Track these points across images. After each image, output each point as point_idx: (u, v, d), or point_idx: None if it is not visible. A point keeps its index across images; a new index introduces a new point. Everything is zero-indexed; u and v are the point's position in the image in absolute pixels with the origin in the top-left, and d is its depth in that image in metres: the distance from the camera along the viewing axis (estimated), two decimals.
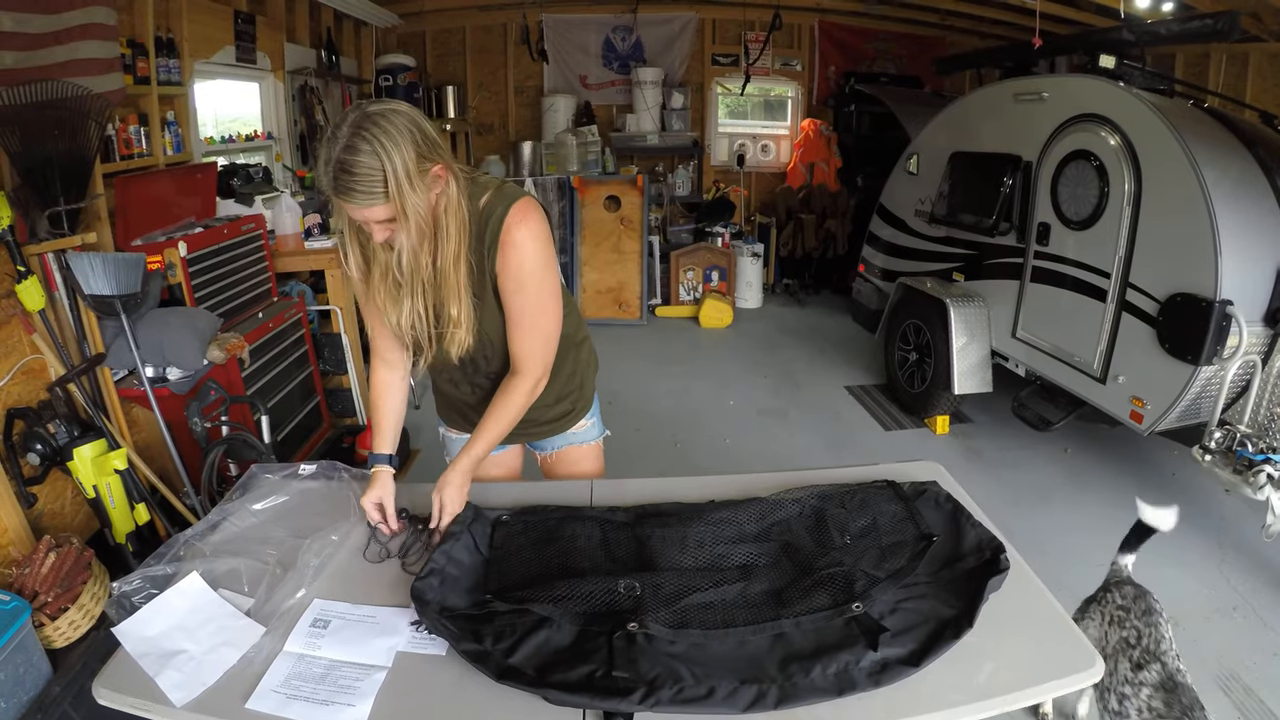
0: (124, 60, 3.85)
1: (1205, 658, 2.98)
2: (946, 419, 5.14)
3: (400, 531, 1.97)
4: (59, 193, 2.96)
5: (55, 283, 3.04)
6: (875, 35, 9.28)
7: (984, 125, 5.02)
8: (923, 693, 1.41)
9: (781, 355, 6.57)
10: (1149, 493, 4.07)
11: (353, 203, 1.69)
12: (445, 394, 2.32)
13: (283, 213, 4.89)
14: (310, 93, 6.62)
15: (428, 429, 5.32)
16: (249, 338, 3.73)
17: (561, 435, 2.40)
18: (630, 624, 1.53)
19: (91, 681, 1.54)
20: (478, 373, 2.16)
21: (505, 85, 9.32)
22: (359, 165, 1.65)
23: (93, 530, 3.11)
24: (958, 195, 5.14)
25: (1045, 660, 1.49)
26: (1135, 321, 3.81)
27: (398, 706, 1.45)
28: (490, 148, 9.33)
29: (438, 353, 2.02)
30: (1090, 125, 4.05)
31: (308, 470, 2.18)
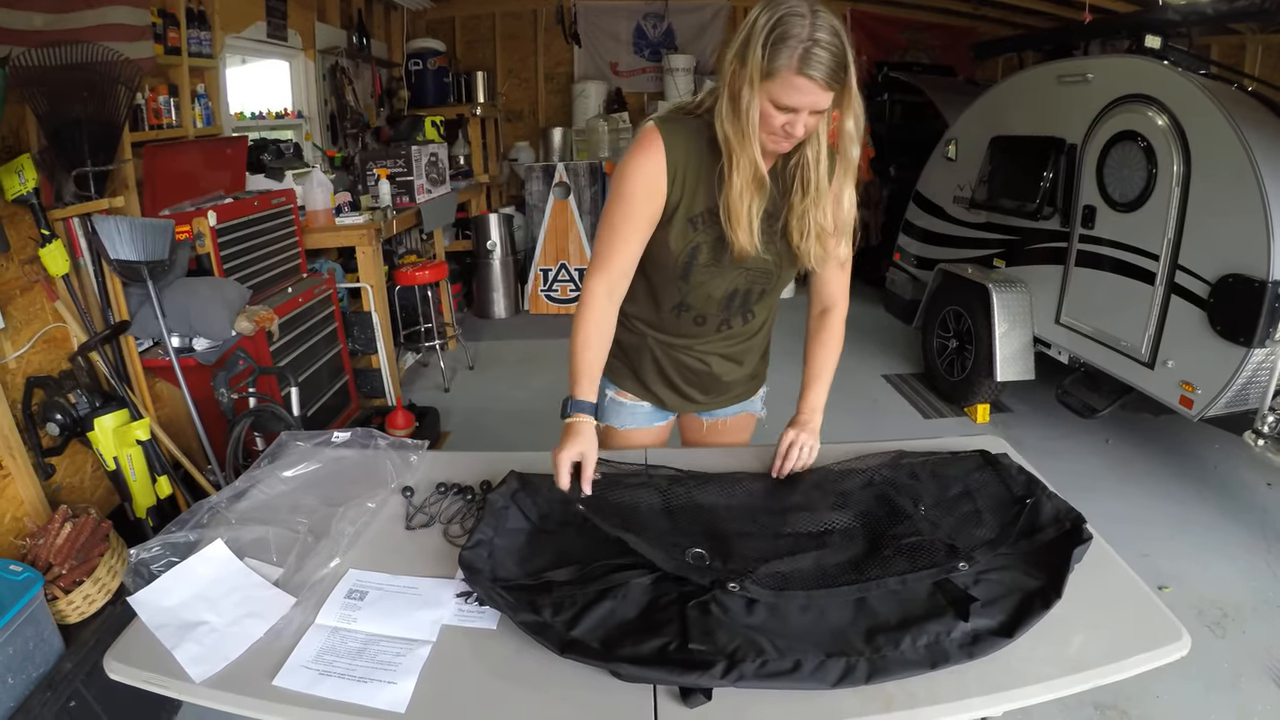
0: (154, 29, 3.77)
1: (1254, 650, 2.91)
2: (987, 408, 5.02)
3: None
4: (86, 155, 2.88)
5: (80, 248, 2.95)
6: (907, 25, 9.17)
7: (1026, 109, 4.88)
8: (1014, 665, 1.33)
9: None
10: (1190, 485, 4.06)
11: (823, 80, 1.60)
12: (665, 357, 2.18)
13: (314, 188, 4.85)
14: (341, 73, 6.54)
15: (457, 412, 5.30)
16: (278, 311, 3.65)
17: (739, 403, 2.36)
18: (707, 594, 1.43)
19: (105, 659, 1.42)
20: (739, 311, 2.09)
21: (535, 72, 9.25)
22: (832, 46, 1.59)
23: (112, 505, 3.02)
24: (999, 180, 5.01)
25: (1132, 634, 1.40)
26: (1185, 304, 3.69)
27: (444, 684, 1.32)
28: (519, 134, 9.26)
29: (708, 282, 1.97)
30: (1137, 106, 3.92)
31: (341, 438, 2.06)
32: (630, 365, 2.22)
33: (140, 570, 1.59)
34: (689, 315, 2.06)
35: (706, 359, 2.15)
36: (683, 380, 2.20)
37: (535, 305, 7.88)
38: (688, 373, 2.18)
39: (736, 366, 2.21)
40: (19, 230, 2.73)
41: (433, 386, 5.90)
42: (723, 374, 2.19)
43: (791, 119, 1.66)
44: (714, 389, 2.23)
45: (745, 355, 2.22)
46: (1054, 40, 5.51)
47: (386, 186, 5.47)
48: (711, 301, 2.02)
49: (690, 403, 2.26)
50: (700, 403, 2.26)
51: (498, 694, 1.30)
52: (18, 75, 2.59)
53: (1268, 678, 2.77)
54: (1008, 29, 8.47)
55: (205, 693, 1.32)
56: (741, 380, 2.27)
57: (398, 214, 5.46)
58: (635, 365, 2.21)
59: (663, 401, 2.24)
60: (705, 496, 1.81)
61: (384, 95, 7.61)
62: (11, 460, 2.60)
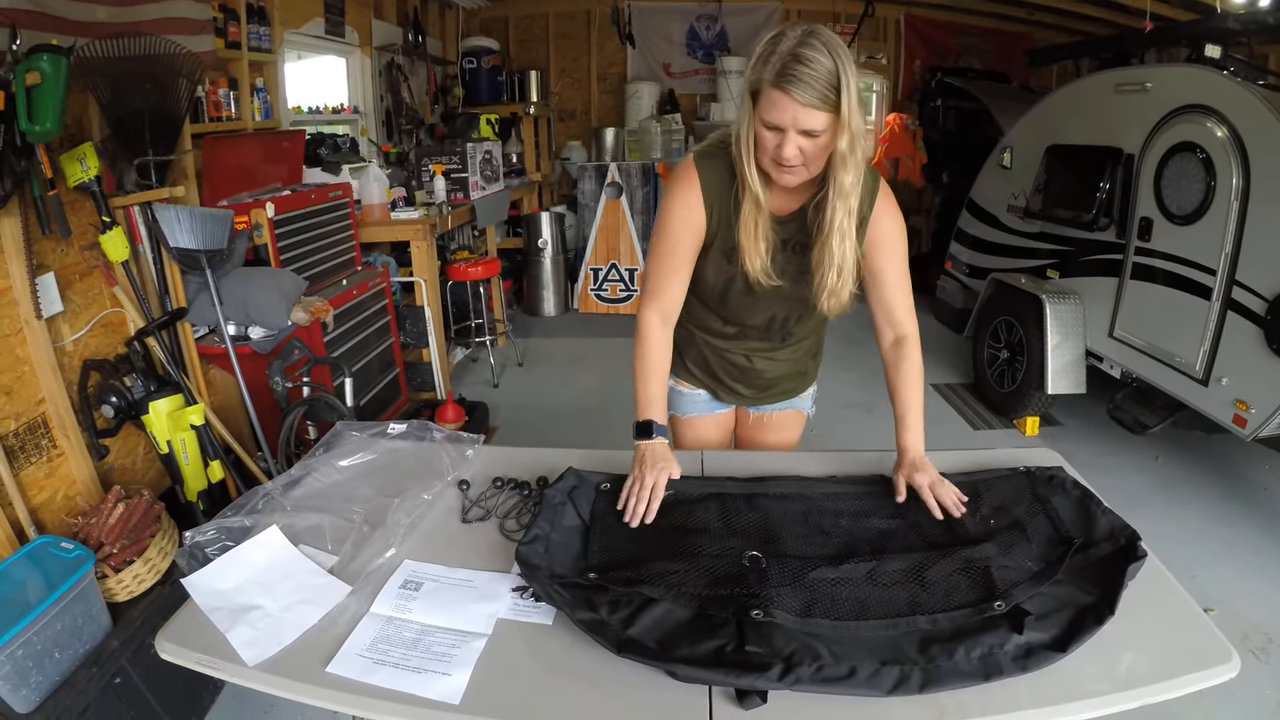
0: (215, 24, 3.82)
1: None
2: (1036, 420, 4.96)
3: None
4: (148, 145, 2.92)
5: (140, 236, 2.99)
6: (961, 30, 9.08)
7: (1083, 117, 4.80)
8: (1066, 680, 1.32)
9: (864, 350, 6.24)
10: (1240, 506, 3.98)
11: (800, 95, 1.60)
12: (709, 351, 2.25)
13: (370, 183, 4.89)
14: (396, 70, 6.58)
15: (506, 408, 5.33)
16: (332, 303, 3.68)
17: (787, 399, 2.39)
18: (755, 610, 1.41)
19: (152, 638, 1.44)
20: (778, 334, 2.16)
21: (588, 72, 9.27)
22: (815, 61, 1.59)
23: (163, 488, 3.06)
24: (1054, 189, 4.93)
25: (1182, 653, 1.39)
26: (1241, 321, 3.60)
27: (499, 677, 1.32)
28: (572, 134, 9.30)
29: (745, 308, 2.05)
30: (1196, 117, 3.84)
31: (397, 429, 2.08)
32: (683, 356, 2.27)
33: (194, 553, 1.60)
34: (731, 329, 2.15)
35: (751, 357, 2.21)
36: (726, 375, 2.26)
37: (585, 304, 7.89)
38: (731, 368, 2.24)
39: (780, 365, 2.26)
40: (80, 217, 2.77)
41: (481, 382, 5.93)
42: (765, 370, 2.24)
43: (780, 140, 1.67)
44: (757, 383, 2.27)
45: (790, 358, 2.26)
46: (1112, 48, 5.40)
47: (441, 182, 5.51)
48: (750, 324, 2.11)
49: (737, 395, 2.30)
50: (746, 396, 2.31)
51: (553, 689, 1.30)
52: (82, 66, 2.62)
53: None
54: (1063, 35, 8.37)
55: (258, 676, 1.33)
56: (787, 377, 2.30)
57: (452, 210, 5.50)
58: (685, 354, 2.27)
59: (714, 391, 2.30)
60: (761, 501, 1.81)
61: (438, 93, 7.65)
62: (66, 440, 2.64)
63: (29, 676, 2.04)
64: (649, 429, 1.88)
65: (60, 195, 2.59)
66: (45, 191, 2.52)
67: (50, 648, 2.09)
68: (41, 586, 2.14)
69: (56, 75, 2.34)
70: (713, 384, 2.30)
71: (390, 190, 5.14)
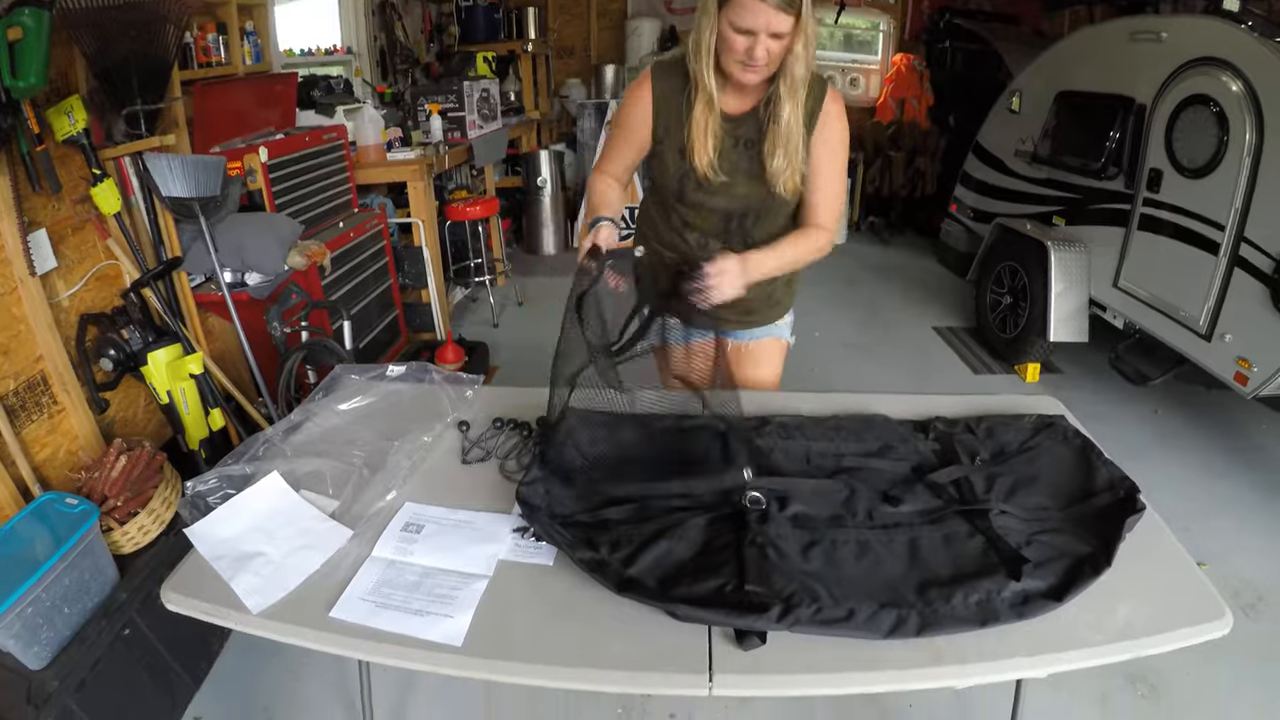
0: None
1: None
2: (1037, 367, 5.00)
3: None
4: (136, 94, 2.91)
5: (131, 186, 3.00)
6: None
7: (1095, 64, 4.78)
8: (1060, 629, 1.37)
9: (866, 291, 6.47)
10: (1237, 463, 4.04)
11: (772, 1, 1.75)
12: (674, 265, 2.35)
13: (365, 124, 4.89)
14: (390, 9, 6.54)
15: (506, 347, 5.40)
16: (329, 246, 3.70)
17: (763, 326, 2.47)
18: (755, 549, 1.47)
19: (159, 588, 1.48)
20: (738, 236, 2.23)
21: (588, 8, 9.16)
22: None
23: (165, 438, 3.10)
24: (1063, 136, 4.93)
25: (1176, 608, 1.44)
26: (1247, 278, 3.62)
27: (501, 618, 1.37)
28: (571, 71, 9.22)
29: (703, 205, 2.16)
30: (1211, 70, 3.82)
31: (396, 372, 2.14)
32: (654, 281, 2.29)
33: (196, 503, 1.64)
34: (693, 235, 2.25)
35: None
36: None
37: None
38: None
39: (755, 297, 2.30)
40: (70, 170, 2.76)
41: (481, 321, 5.99)
42: None
43: (751, 43, 1.82)
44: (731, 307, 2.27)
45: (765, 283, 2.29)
46: None
47: (438, 122, 5.51)
48: (710, 222, 2.21)
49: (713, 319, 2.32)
50: (723, 319, 2.35)
51: (554, 630, 1.34)
52: (65, 18, 2.59)
53: None
54: None
55: (262, 623, 1.37)
56: (759, 299, 2.36)
57: (449, 149, 5.50)
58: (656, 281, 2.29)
59: None
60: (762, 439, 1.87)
61: (434, 31, 7.60)
62: (66, 395, 2.67)
63: (39, 633, 2.08)
64: (598, 220, 2.09)
65: (49, 150, 2.58)
66: (33, 147, 2.51)
67: (59, 604, 2.13)
68: (48, 543, 2.16)
69: (39, 28, 2.31)
70: None
71: (386, 131, 5.14)
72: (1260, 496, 3.76)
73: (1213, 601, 1.45)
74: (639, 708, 2.54)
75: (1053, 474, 1.78)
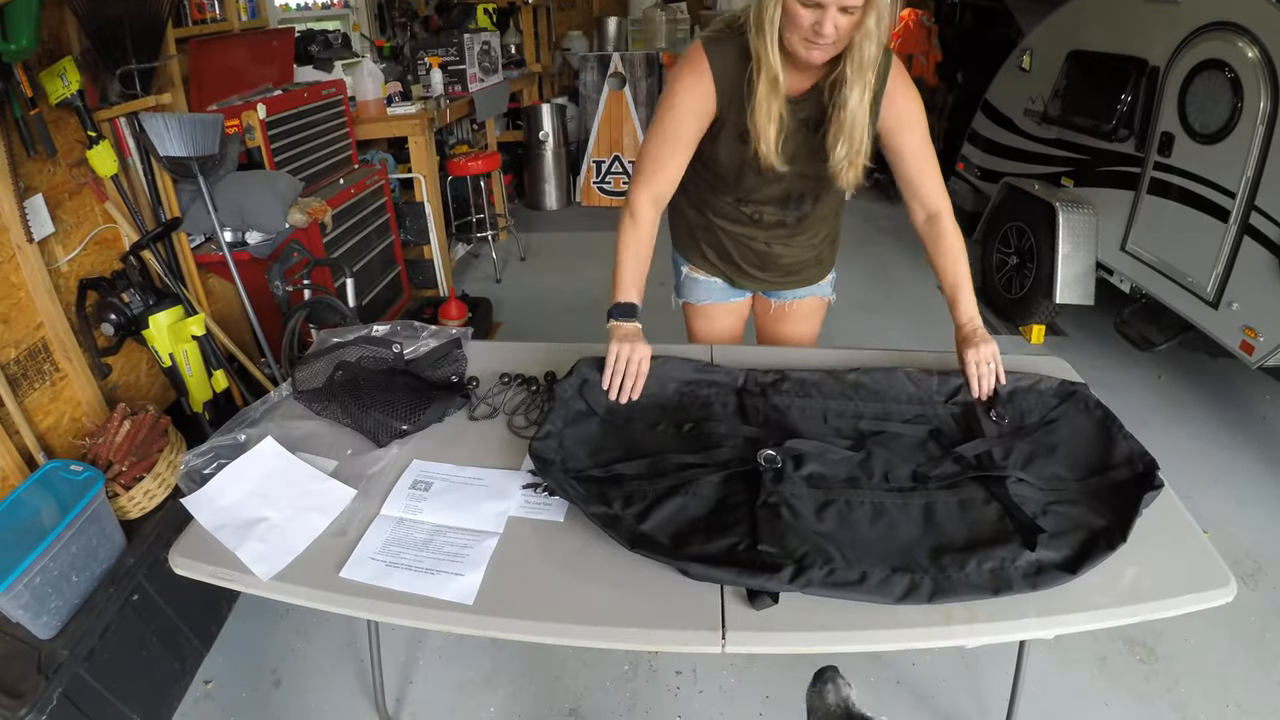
0: None
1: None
2: (1042, 329, 5.05)
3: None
4: (130, 53, 2.90)
5: (128, 148, 3.01)
6: None
7: (1109, 24, 4.75)
8: (1069, 591, 1.40)
9: (872, 250, 6.48)
10: (1239, 432, 4.09)
11: None
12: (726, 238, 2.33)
13: (364, 78, 4.89)
14: None
15: (509, 303, 5.51)
16: (330, 203, 3.72)
17: (807, 286, 2.48)
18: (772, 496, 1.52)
19: (166, 552, 1.50)
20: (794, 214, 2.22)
21: None
22: None
23: (169, 401, 3.14)
24: (1074, 96, 4.91)
25: (1182, 575, 1.47)
26: (1257, 247, 3.63)
27: (512, 576, 1.40)
28: (572, 23, 9.20)
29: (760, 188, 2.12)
30: (1227, 35, 3.79)
31: (381, 331, 2.13)
32: (698, 243, 2.38)
33: (192, 475, 1.66)
34: (747, 211, 2.21)
35: (769, 244, 2.30)
36: (744, 260, 2.35)
37: (587, 197, 7.97)
38: (749, 254, 2.33)
39: (798, 251, 2.34)
40: (65, 134, 2.76)
41: (484, 277, 6.06)
42: (783, 255, 2.32)
43: (819, 17, 1.71)
44: (776, 268, 2.34)
45: (807, 243, 2.35)
46: None
47: (439, 75, 5.53)
48: (766, 205, 2.18)
49: (757, 281, 2.38)
50: (766, 281, 2.40)
51: (565, 587, 1.38)
52: None
53: None
54: None
55: (274, 586, 1.40)
56: (806, 263, 2.39)
57: (450, 103, 5.52)
58: (702, 242, 2.35)
59: (731, 279, 2.39)
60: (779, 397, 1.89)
61: None
62: (68, 362, 2.69)
63: (48, 602, 2.11)
64: (629, 310, 1.94)
65: (43, 114, 2.58)
66: (26, 111, 2.50)
67: (67, 571, 2.16)
68: (55, 511, 2.19)
69: None
70: (731, 270, 2.38)
71: (385, 85, 5.14)
72: (1260, 467, 3.79)
73: (1218, 569, 1.47)
74: (646, 664, 2.61)
75: (1072, 445, 1.79)
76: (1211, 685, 2.62)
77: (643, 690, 2.54)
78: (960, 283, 2.03)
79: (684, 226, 2.41)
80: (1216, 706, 2.54)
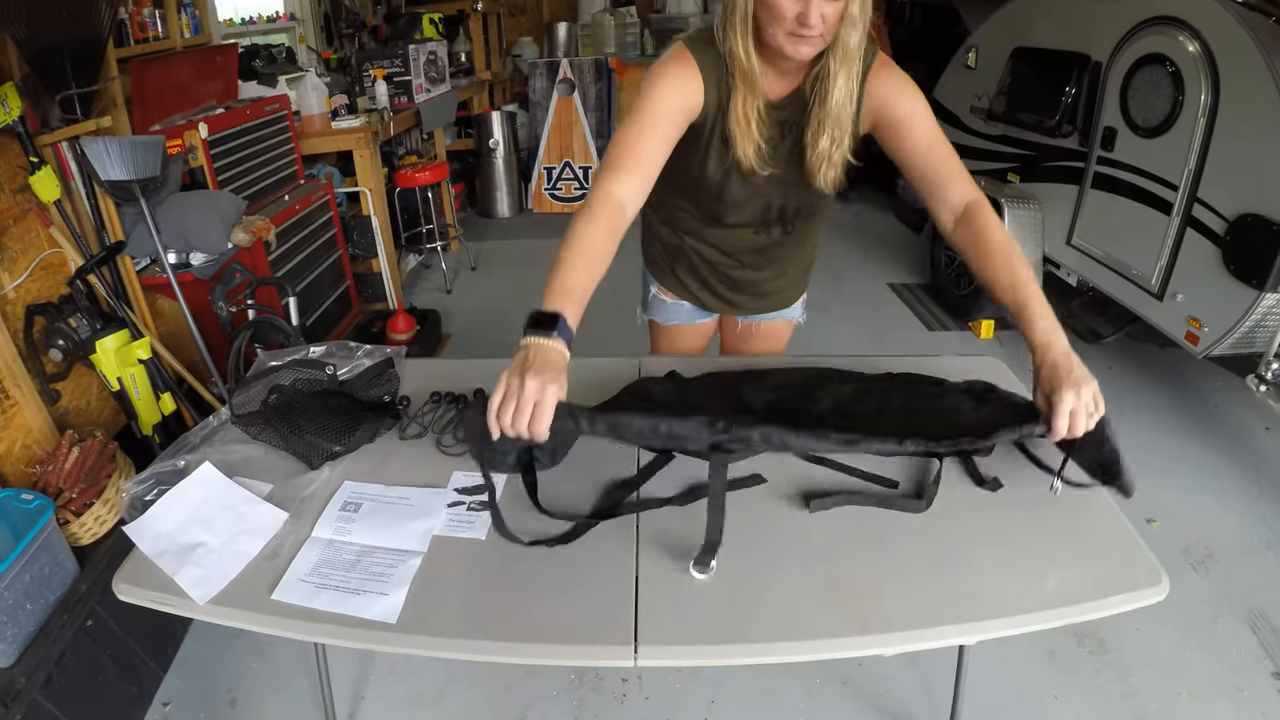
0: None
1: (1234, 593, 3.01)
2: (991, 324, 5.14)
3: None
4: (70, 77, 2.92)
5: (71, 172, 3.02)
6: None
7: (1052, 21, 4.85)
8: (988, 596, 1.41)
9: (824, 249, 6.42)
10: (1190, 421, 4.18)
11: None
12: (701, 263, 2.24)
13: (308, 93, 4.91)
14: None
15: (460, 314, 5.51)
16: (275, 220, 3.76)
17: (779, 310, 2.43)
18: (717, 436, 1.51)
19: None
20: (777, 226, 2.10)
21: None
22: None
23: (120, 425, 3.15)
24: (1018, 93, 5.01)
25: (1112, 574, 1.45)
26: (1200, 239, 3.71)
27: (434, 593, 1.43)
28: (523, 29, 9.21)
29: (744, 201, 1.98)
30: (1169, 29, 3.88)
31: (317, 352, 2.15)
32: (670, 263, 2.29)
33: (135, 504, 1.68)
34: (727, 228, 2.10)
35: (745, 269, 2.23)
36: (719, 283, 2.28)
37: (539, 204, 8.04)
38: (724, 278, 2.26)
39: (774, 278, 2.29)
40: (8, 160, 2.79)
41: (435, 288, 6.09)
42: (759, 281, 2.28)
43: (804, 8, 1.57)
44: (748, 294, 2.31)
45: (785, 267, 2.29)
46: None
47: (383, 87, 5.54)
48: (749, 216, 2.04)
49: (727, 305, 2.34)
50: (738, 305, 2.35)
51: (485, 601, 1.41)
52: None
53: (1243, 621, 2.87)
54: None
55: (210, 609, 1.43)
56: (781, 289, 2.36)
57: (395, 115, 5.54)
58: (674, 264, 2.28)
59: (702, 302, 2.34)
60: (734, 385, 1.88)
61: None
62: (17, 389, 2.69)
63: (4, 630, 2.12)
64: (553, 322, 1.50)
65: None
66: None
67: (21, 600, 2.18)
68: (7, 540, 2.22)
69: None
70: (704, 294, 2.32)
71: (331, 98, 5.17)
72: (1211, 455, 3.88)
73: (1150, 566, 1.47)
74: (592, 673, 2.64)
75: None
76: (1163, 674, 2.67)
77: (589, 699, 2.57)
78: (1024, 287, 1.66)
79: (656, 245, 2.34)
80: (1169, 695, 2.59)
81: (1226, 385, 4.46)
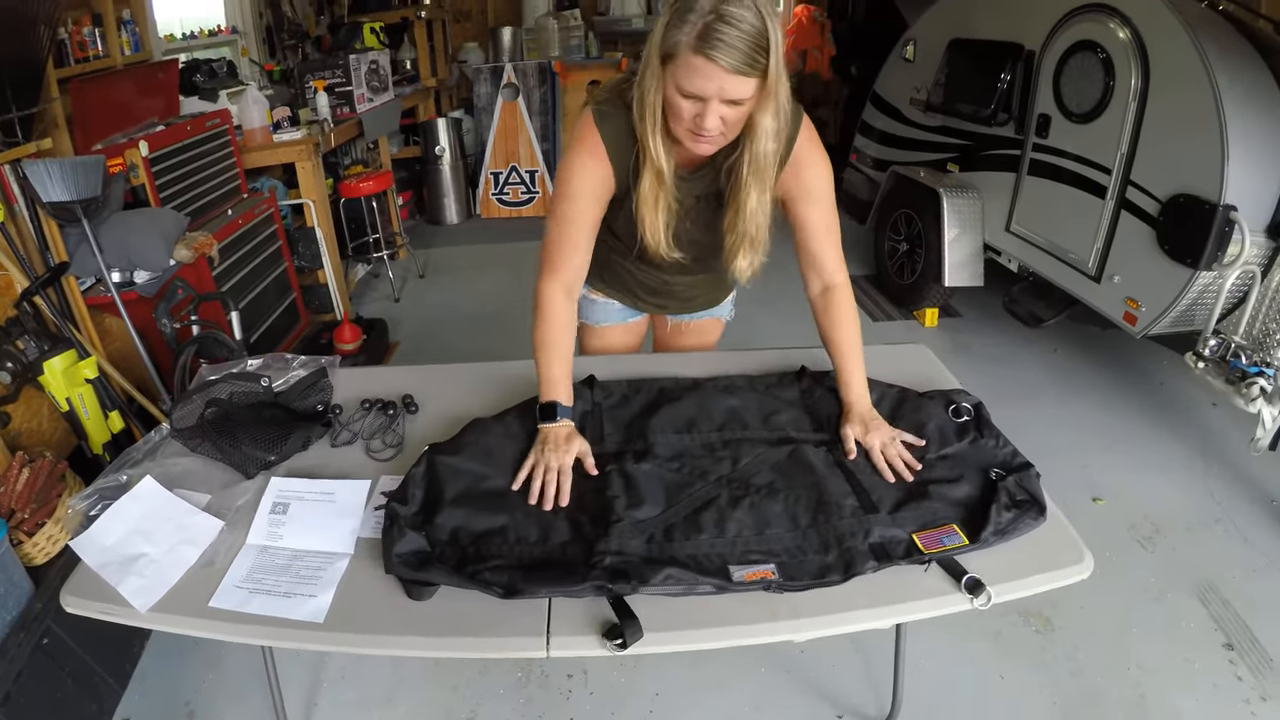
0: None
1: (1184, 568, 3.08)
2: (935, 312, 5.24)
3: None
4: (9, 100, 2.92)
5: (13, 195, 3.01)
6: None
7: (985, 12, 4.95)
8: (903, 577, 1.47)
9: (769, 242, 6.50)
10: (1135, 399, 4.28)
11: (728, 62, 1.48)
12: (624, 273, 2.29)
13: (249, 106, 4.96)
14: None
15: (408, 321, 5.56)
16: (218, 235, 3.77)
17: (705, 309, 2.51)
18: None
19: None
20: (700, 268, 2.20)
21: None
22: (742, 21, 1.46)
23: (72, 445, 3.15)
24: (955, 84, 5.09)
25: (1034, 554, 1.53)
26: (1134, 220, 3.81)
27: (360, 594, 1.49)
28: (468, 35, 9.26)
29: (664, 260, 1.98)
30: (1099, 16, 3.98)
31: (254, 365, 2.20)
32: (599, 269, 2.27)
33: (80, 519, 1.74)
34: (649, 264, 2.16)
35: (670, 284, 2.31)
36: (644, 291, 2.35)
37: (487, 209, 8.07)
38: (649, 289, 2.33)
39: (699, 288, 2.38)
40: None
41: (384, 297, 6.11)
42: (683, 291, 2.36)
43: (700, 109, 1.58)
44: (675, 299, 2.38)
45: (710, 281, 2.38)
46: None
47: (324, 99, 5.56)
48: (668, 265, 2.07)
49: (655, 306, 2.42)
50: (665, 307, 2.43)
51: (409, 603, 1.47)
52: None
53: (1192, 594, 2.94)
54: None
55: (151, 618, 1.50)
56: (706, 293, 2.43)
57: (337, 125, 5.56)
58: (602, 270, 2.30)
59: (630, 303, 2.41)
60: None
61: (323, 2, 7.62)
62: None
63: None
64: (553, 412, 1.81)
65: None
66: None
67: None
68: None
69: None
70: (629, 299, 2.39)
71: (274, 111, 5.19)
72: (1157, 432, 3.98)
73: (1073, 546, 1.54)
74: (538, 669, 2.71)
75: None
76: (1112, 649, 2.73)
77: (536, 695, 2.63)
78: (849, 356, 1.95)
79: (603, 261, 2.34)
80: (1118, 669, 2.65)
81: (1172, 364, 4.56)
